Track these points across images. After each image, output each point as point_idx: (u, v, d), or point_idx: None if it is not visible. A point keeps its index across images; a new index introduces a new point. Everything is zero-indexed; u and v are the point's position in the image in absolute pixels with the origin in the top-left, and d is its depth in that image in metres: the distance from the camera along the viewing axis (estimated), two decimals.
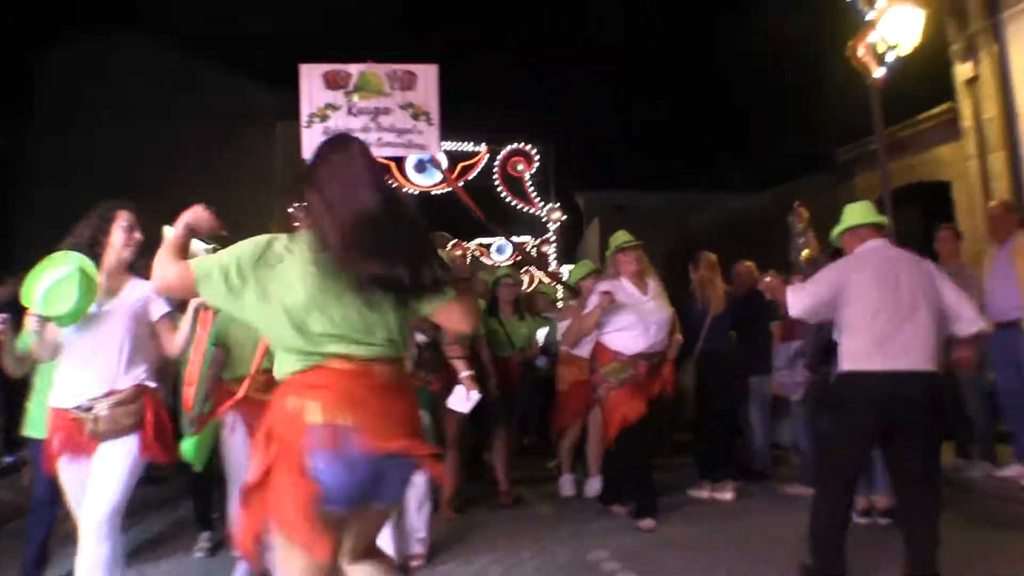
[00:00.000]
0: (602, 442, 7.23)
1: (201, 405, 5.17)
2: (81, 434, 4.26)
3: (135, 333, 4.42)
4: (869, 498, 6.05)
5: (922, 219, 10.04)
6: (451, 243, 21.40)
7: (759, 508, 6.90)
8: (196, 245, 3.89)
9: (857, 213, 5.01)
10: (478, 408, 6.31)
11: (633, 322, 6.69)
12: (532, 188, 20.85)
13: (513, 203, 20.25)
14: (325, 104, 6.37)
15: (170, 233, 3.26)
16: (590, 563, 5.40)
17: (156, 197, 4.81)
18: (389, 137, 6.59)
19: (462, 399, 6.11)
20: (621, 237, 7.03)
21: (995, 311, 6.89)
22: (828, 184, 14.62)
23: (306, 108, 6.45)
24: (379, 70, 6.52)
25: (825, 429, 5.07)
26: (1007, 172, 10.29)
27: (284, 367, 2.84)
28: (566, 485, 7.79)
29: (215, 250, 7.34)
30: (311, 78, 6.42)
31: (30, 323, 4.07)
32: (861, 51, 9.19)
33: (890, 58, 9.28)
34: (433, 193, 21.01)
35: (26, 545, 5.35)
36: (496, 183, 20.89)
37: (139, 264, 4.41)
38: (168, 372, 5.75)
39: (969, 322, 4.61)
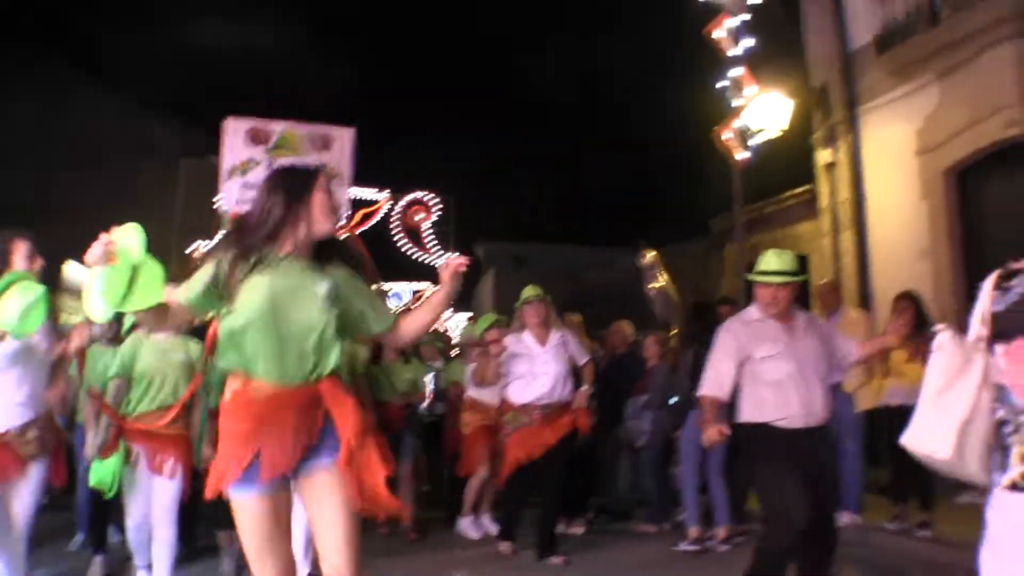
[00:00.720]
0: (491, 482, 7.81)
1: (105, 433, 5.64)
2: (5, 457, 4.58)
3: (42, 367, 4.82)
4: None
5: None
6: None
7: (605, 541, 7.69)
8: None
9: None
10: None
11: (524, 373, 7.06)
12: (431, 237, 20.98)
13: (412, 251, 20.63)
14: (248, 158, 6.61)
15: (71, 270, 3.94)
16: None
17: (61, 228, 5.01)
18: None
19: None
20: (528, 291, 7.35)
21: None
22: (704, 249, 15.78)
23: (227, 160, 6.68)
24: (300, 130, 6.78)
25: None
26: (854, 250, 11.41)
27: None
28: (468, 527, 7.97)
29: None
30: (236, 133, 6.66)
31: None
32: (727, 135, 10.26)
33: (754, 142, 10.38)
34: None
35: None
36: (396, 231, 21.06)
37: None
38: (67, 404, 6.24)
39: None
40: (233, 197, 6.60)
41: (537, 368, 7.02)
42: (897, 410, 7.01)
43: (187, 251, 21.01)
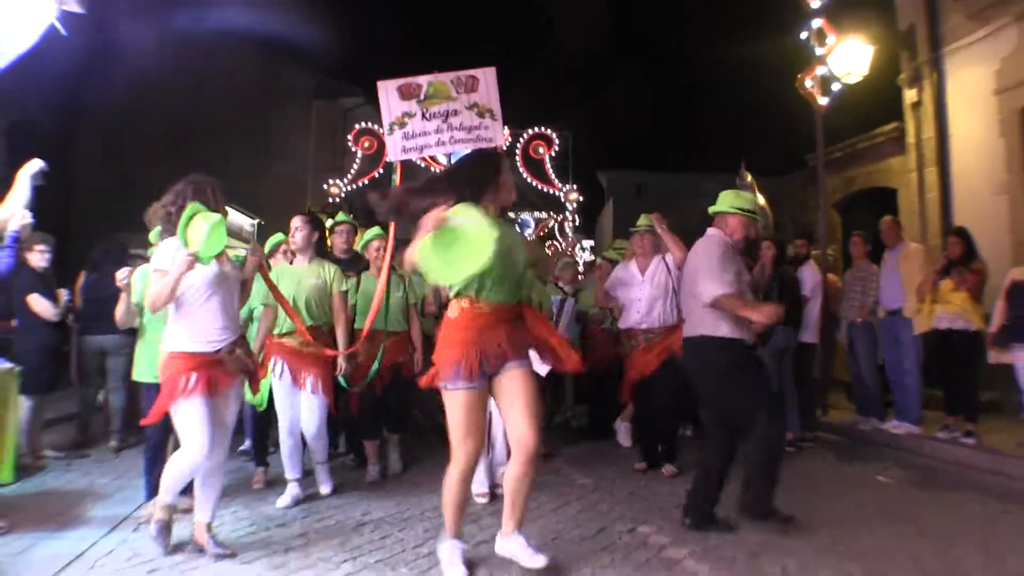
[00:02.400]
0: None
1: (256, 355, 5.89)
2: (222, 372, 4.84)
3: (239, 288, 5.09)
4: None
5: (874, 218, 11.79)
6: None
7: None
8: (242, 220, 5.46)
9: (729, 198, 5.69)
10: None
11: (627, 302, 7.43)
12: (552, 170, 21.46)
13: (535, 184, 21.42)
14: (403, 113, 6.85)
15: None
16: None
17: (200, 169, 5.13)
18: (460, 135, 6.90)
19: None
20: (641, 220, 7.53)
21: (885, 301, 8.71)
22: (802, 182, 16.44)
23: (386, 118, 6.86)
24: (444, 78, 6.95)
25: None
26: (937, 185, 12.00)
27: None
28: (623, 432, 8.46)
29: (259, 225, 8.86)
30: (388, 92, 6.90)
31: (184, 262, 4.47)
32: (809, 83, 10.98)
33: (836, 87, 11.08)
34: None
35: (145, 475, 5.81)
36: (518, 165, 21.48)
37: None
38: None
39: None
40: (398, 148, 6.85)
41: (633, 294, 7.37)
42: (946, 333, 7.93)
43: (323, 186, 22.82)
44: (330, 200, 22.63)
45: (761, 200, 9.36)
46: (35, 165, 5.43)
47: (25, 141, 13.22)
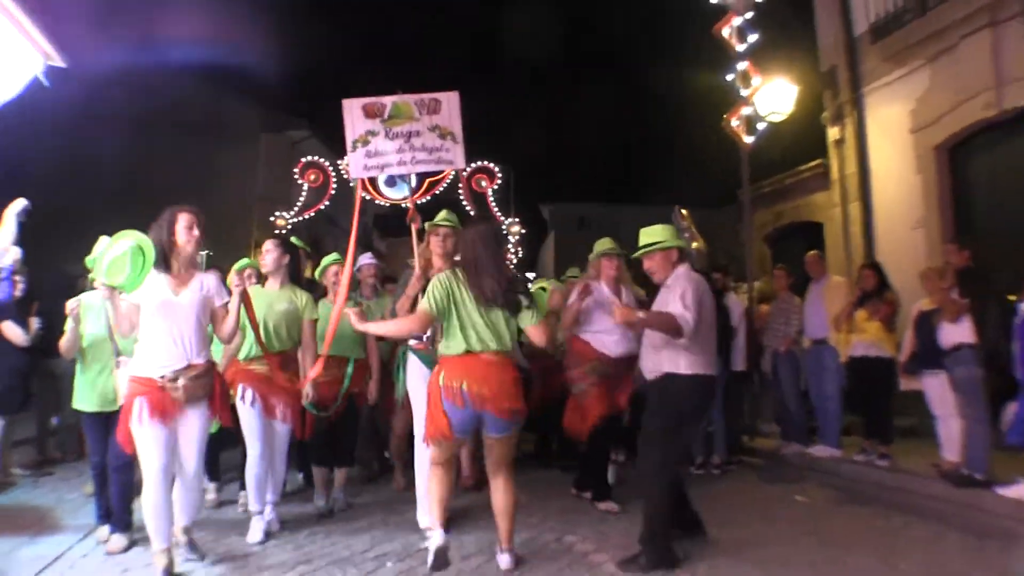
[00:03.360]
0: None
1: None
2: (167, 400, 4.86)
3: (202, 318, 5.10)
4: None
5: (803, 251, 12.26)
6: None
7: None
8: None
9: (668, 232, 5.78)
10: None
11: (612, 327, 6.88)
12: (494, 203, 22.13)
13: (476, 214, 21.58)
14: (366, 131, 6.92)
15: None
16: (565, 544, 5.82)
17: (149, 205, 5.29)
18: (421, 155, 6.96)
19: None
20: (605, 244, 7.36)
21: (810, 331, 9.16)
22: (735, 215, 16.99)
23: (350, 135, 6.92)
24: (409, 99, 7.01)
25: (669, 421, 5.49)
26: (860, 219, 12.54)
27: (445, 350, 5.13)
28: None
29: (207, 256, 8.56)
30: (352, 110, 6.95)
31: (101, 291, 4.77)
32: (735, 122, 11.49)
33: (762, 126, 11.60)
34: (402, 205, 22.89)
35: (95, 497, 6.01)
36: (461, 197, 22.28)
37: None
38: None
39: None
40: (360, 166, 6.89)
41: (611, 320, 6.76)
42: (861, 360, 8.38)
43: (269, 218, 23.28)
44: (276, 232, 22.82)
45: (696, 241, 9.84)
46: (19, 204, 6.13)
47: None
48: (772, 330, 9.61)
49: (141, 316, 4.89)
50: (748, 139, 11.54)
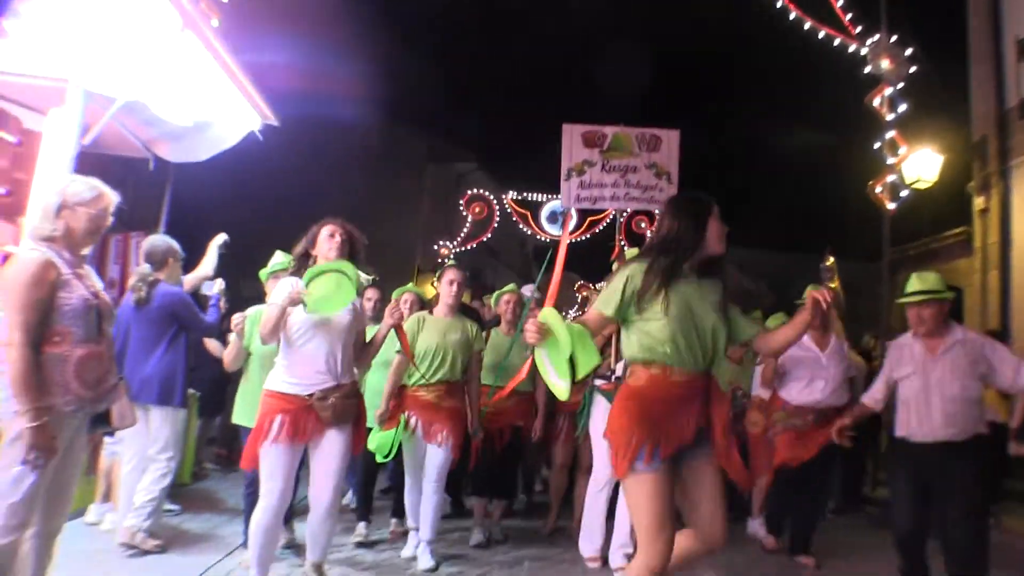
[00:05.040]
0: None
1: (386, 405, 6.05)
2: (312, 418, 4.69)
3: (350, 338, 4.90)
4: None
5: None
6: (578, 284, 23.02)
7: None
8: (362, 276, 4.92)
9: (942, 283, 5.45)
10: None
11: (803, 375, 6.73)
12: None
13: None
14: (583, 160, 6.76)
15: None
16: None
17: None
18: (635, 193, 6.81)
19: None
20: (810, 290, 7.03)
21: None
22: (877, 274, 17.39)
23: (566, 163, 6.77)
24: (629, 132, 6.84)
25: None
26: (998, 287, 12.92)
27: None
28: (757, 528, 7.58)
29: (374, 280, 8.49)
30: (572, 136, 6.82)
31: (293, 295, 4.54)
32: (879, 189, 12.05)
33: (905, 193, 12.13)
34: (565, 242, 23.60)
35: (244, 515, 5.68)
36: (620, 238, 22.64)
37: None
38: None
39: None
40: (573, 195, 6.81)
41: (817, 372, 6.74)
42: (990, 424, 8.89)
43: (433, 247, 23.69)
44: (439, 260, 24.13)
45: (835, 284, 10.38)
46: (220, 238, 7.01)
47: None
48: None
49: (291, 330, 4.72)
50: (891, 205, 12.07)
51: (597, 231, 21.34)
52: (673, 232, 3.92)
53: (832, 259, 11.15)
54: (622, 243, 19.12)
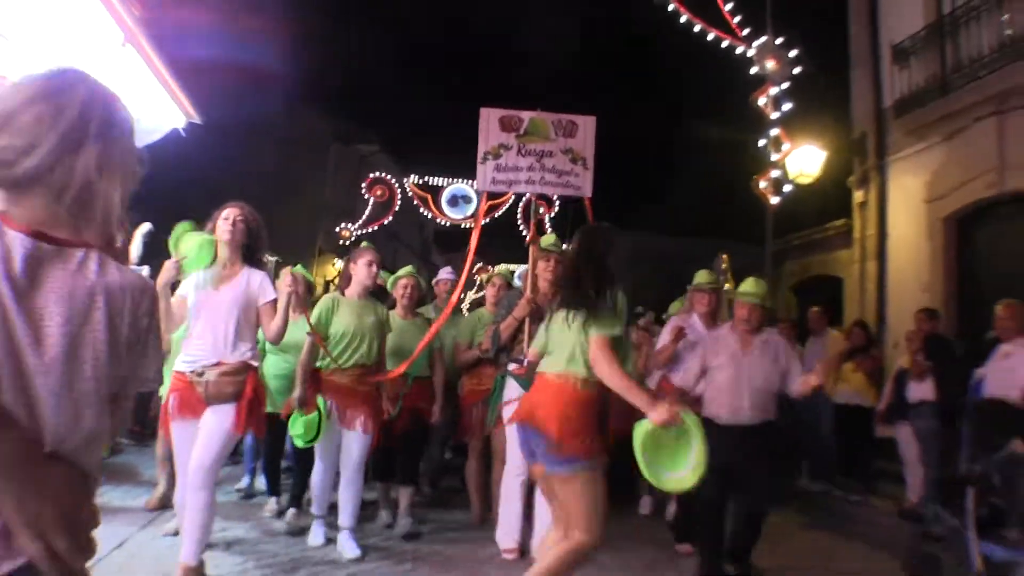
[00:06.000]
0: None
1: (302, 388, 5.87)
2: (194, 396, 4.80)
3: (243, 315, 4.94)
4: None
5: (825, 302, 13.24)
6: (477, 267, 24.83)
7: None
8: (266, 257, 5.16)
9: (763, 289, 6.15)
10: None
11: (689, 363, 6.65)
12: (551, 228, 22.47)
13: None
14: (499, 144, 6.70)
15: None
16: None
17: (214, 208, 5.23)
18: (551, 177, 6.76)
19: None
20: (701, 277, 7.21)
21: None
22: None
23: (482, 146, 6.71)
24: (546, 118, 6.82)
25: None
26: (875, 277, 13.60)
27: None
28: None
29: (277, 262, 8.54)
30: (489, 120, 6.75)
31: (170, 266, 4.76)
32: (763, 184, 12.65)
33: (787, 188, 12.76)
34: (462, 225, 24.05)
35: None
36: (518, 221, 22.48)
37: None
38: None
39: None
40: (488, 178, 6.74)
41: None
42: (843, 407, 9.51)
43: (335, 229, 24.10)
44: (340, 242, 24.17)
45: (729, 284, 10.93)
46: (144, 227, 7.25)
47: None
48: None
49: (188, 311, 4.89)
50: (774, 199, 12.67)
51: (496, 215, 21.84)
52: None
53: (726, 259, 11.69)
54: (548, 226, 19.35)
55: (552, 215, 22.29)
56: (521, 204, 21.63)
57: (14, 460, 1.39)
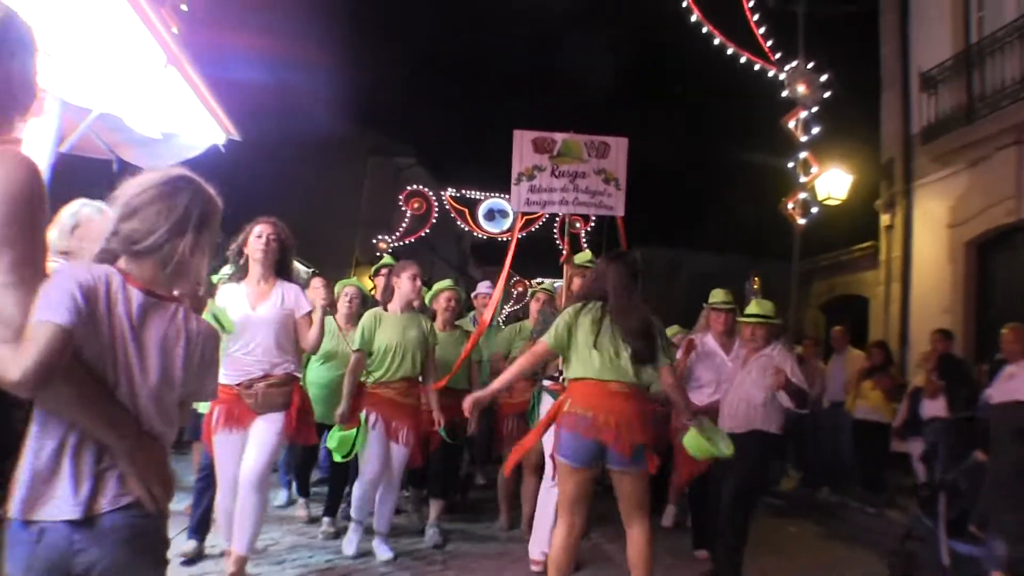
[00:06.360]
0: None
1: (347, 403, 5.94)
2: (240, 408, 4.99)
3: (280, 332, 5.11)
4: None
5: (852, 321, 13.65)
6: (515, 279, 23.70)
7: None
8: (297, 267, 5.43)
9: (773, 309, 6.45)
10: None
11: (709, 380, 6.94)
12: (586, 244, 21.60)
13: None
14: (533, 165, 6.79)
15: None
16: None
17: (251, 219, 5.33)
18: (584, 198, 6.86)
19: None
20: (717, 296, 7.23)
21: (830, 394, 10.74)
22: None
23: (516, 167, 6.82)
24: (579, 139, 6.91)
25: None
26: (899, 298, 13.98)
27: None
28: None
29: (313, 273, 8.70)
30: (523, 142, 6.85)
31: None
32: (791, 206, 13.08)
33: (815, 210, 13.17)
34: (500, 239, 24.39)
35: (193, 509, 5.72)
36: (555, 236, 22.28)
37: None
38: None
39: None
40: (522, 199, 6.90)
41: (721, 376, 6.87)
42: (861, 422, 9.92)
43: (372, 240, 24.19)
44: (377, 254, 24.58)
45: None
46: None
47: None
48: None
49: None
50: (801, 221, 13.09)
51: (533, 230, 21.83)
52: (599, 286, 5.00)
53: (757, 280, 12.10)
54: (584, 241, 20.00)
55: (588, 230, 22.76)
56: (557, 219, 22.21)
57: (132, 437, 2.20)
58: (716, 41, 13.59)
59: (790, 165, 13.38)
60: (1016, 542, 5.61)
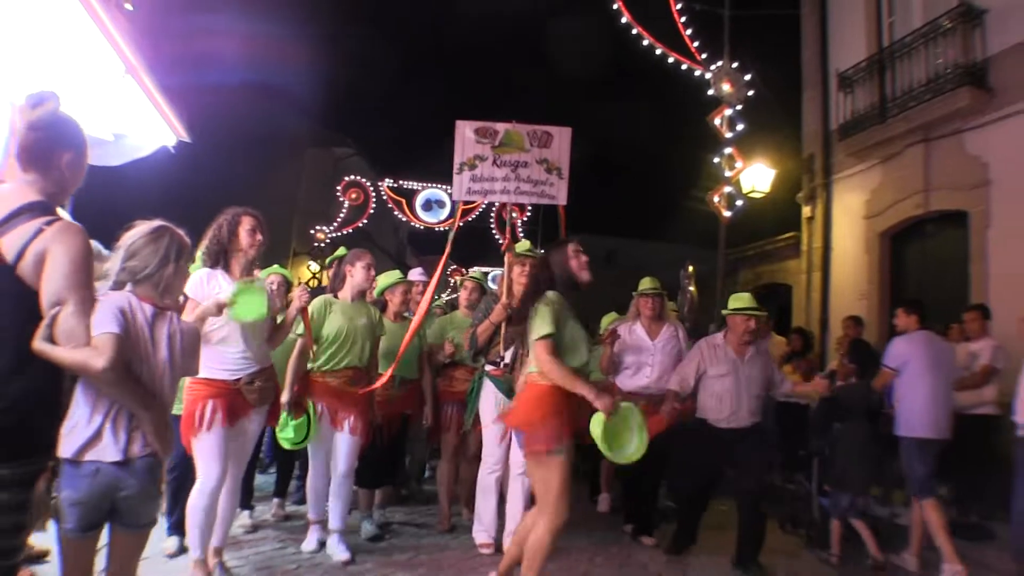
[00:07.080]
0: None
1: (291, 390, 5.78)
2: (241, 402, 4.98)
3: (267, 323, 5.10)
4: None
5: (776, 309, 14.38)
6: (451, 268, 24.62)
7: None
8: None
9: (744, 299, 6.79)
10: None
11: (632, 362, 7.23)
12: (523, 233, 22.68)
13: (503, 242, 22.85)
14: (475, 155, 6.76)
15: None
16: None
17: (204, 209, 5.23)
18: (526, 187, 6.83)
19: None
20: (645, 283, 7.50)
21: None
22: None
23: (458, 157, 6.78)
24: (521, 129, 6.90)
25: None
26: (820, 286, 14.76)
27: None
28: (603, 502, 8.69)
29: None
30: (464, 132, 6.83)
31: (214, 307, 4.58)
32: (716, 199, 13.76)
33: (739, 203, 13.86)
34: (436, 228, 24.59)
35: (169, 506, 5.82)
36: (491, 225, 23.82)
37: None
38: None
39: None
40: (464, 188, 6.86)
41: (645, 358, 7.22)
42: (783, 404, 10.60)
43: (310, 231, 24.66)
44: (315, 244, 24.83)
45: (693, 289, 11.88)
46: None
47: None
48: None
49: (209, 322, 4.78)
50: (727, 213, 13.79)
51: (470, 219, 22.68)
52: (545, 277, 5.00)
53: (692, 268, 12.70)
54: (520, 231, 20.43)
55: (524, 219, 23.21)
56: (494, 210, 22.72)
57: (152, 409, 3.17)
58: (645, 42, 14.18)
59: (716, 160, 14.04)
60: (861, 493, 6.92)
